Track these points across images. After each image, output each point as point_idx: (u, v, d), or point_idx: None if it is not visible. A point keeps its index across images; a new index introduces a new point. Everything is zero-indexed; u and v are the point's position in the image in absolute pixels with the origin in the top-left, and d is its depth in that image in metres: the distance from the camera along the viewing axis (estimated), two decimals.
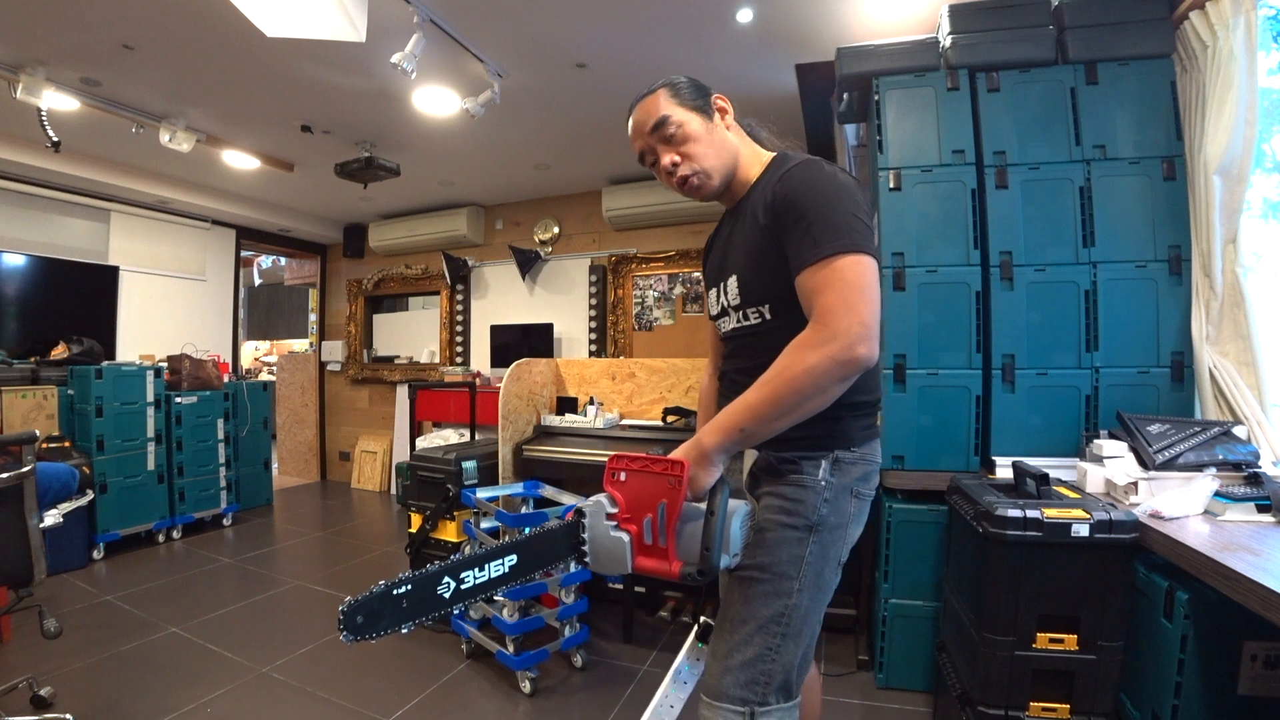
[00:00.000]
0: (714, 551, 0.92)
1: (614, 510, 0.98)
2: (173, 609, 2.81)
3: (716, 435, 0.96)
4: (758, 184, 1.13)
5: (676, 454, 0.98)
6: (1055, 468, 1.83)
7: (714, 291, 1.21)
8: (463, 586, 0.88)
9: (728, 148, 1.14)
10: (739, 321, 1.14)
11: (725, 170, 1.14)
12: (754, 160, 1.17)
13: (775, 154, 1.17)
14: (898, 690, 2.14)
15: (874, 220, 1.04)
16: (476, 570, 0.89)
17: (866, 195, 1.06)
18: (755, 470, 1.16)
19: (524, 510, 2.41)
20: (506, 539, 1.03)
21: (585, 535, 0.99)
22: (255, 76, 2.94)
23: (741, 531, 1.02)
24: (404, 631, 0.83)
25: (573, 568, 2.18)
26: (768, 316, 1.09)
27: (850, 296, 0.92)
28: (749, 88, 2.99)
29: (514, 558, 0.94)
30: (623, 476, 0.98)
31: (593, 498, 1.01)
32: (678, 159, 1.11)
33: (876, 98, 2.19)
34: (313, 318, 7.42)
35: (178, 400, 3.94)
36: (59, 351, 3.78)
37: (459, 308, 5.39)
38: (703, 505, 0.97)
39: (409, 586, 0.83)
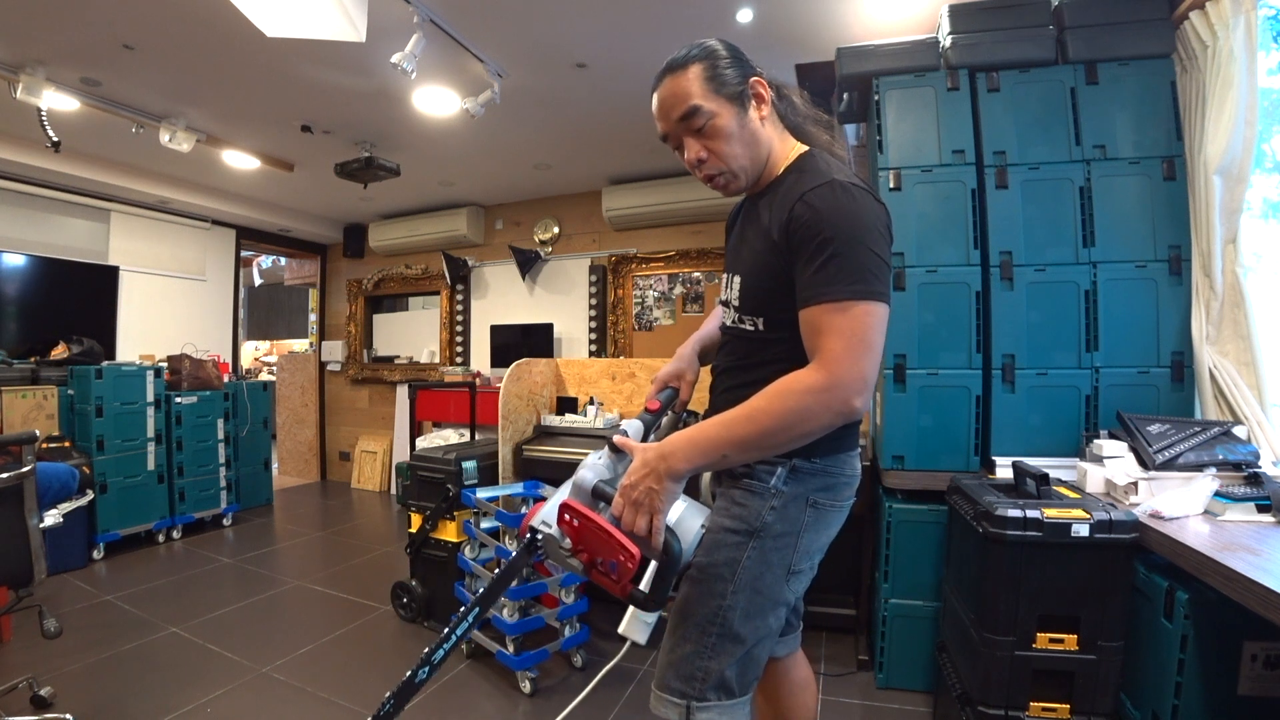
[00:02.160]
0: (664, 590, 0.95)
1: (567, 545, 0.98)
2: (173, 609, 2.81)
3: (696, 459, 0.94)
4: (781, 181, 1.07)
5: (649, 459, 0.94)
6: (1055, 468, 1.83)
7: (725, 279, 1.20)
8: (435, 659, 0.95)
9: (760, 143, 1.08)
10: (735, 322, 1.15)
11: (755, 168, 1.09)
12: (782, 154, 1.11)
13: (804, 151, 1.10)
14: (898, 690, 2.14)
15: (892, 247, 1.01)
16: (446, 644, 0.96)
17: (888, 221, 1.00)
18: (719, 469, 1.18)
19: (524, 510, 2.40)
20: (504, 542, 1.06)
21: (541, 553, 1.01)
22: (255, 76, 2.94)
23: (698, 538, 1.03)
24: None
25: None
26: (760, 328, 1.09)
27: (858, 348, 0.91)
28: None
29: (477, 609, 1.01)
30: (576, 522, 0.96)
31: (546, 518, 0.99)
32: (704, 155, 1.06)
33: (876, 98, 2.19)
34: (313, 318, 7.42)
35: (178, 400, 3.94)
36: (59, 351, 3.78)
37: (459, 308, 5.39)
38: (666, 514, 0.97)
39: (391, 704, 0.90)
